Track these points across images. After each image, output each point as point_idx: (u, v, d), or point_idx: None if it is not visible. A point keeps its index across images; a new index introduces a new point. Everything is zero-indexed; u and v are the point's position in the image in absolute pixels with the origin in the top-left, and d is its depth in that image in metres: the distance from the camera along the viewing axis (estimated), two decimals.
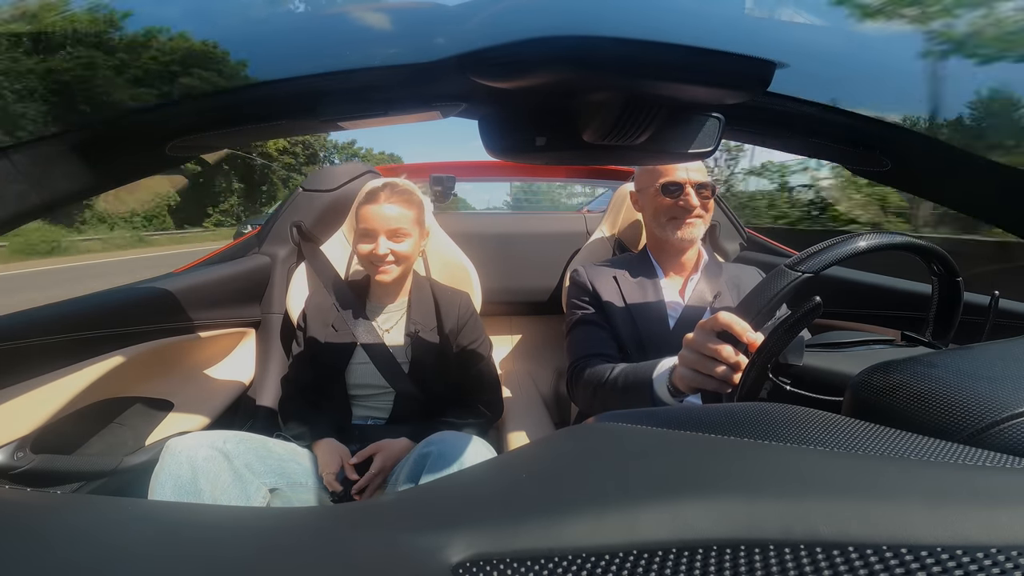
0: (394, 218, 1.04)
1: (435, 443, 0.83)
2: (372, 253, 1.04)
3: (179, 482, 0.75)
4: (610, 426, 0.28)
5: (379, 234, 1.04)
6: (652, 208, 1.05)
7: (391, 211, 1.04)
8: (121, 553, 0.22)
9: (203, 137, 0.55)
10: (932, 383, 0.31)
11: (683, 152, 0.57)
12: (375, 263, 1.05)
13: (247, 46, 0.48)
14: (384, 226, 1.04)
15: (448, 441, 0.83)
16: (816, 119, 0.60)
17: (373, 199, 1.05)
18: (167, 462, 0.77)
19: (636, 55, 0.43)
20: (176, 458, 0.77)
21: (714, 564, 0.16)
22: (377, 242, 1.03)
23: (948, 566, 0.14)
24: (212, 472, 0.77)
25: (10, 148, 0.43)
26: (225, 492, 0.78)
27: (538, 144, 0.55)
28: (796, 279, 0.55)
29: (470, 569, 0.18)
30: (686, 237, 1.02)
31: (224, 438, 0.83)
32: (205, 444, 0.79)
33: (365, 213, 1.05)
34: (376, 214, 1.04)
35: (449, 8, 0.45)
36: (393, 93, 0.52)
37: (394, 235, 1.05)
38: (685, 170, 1.02)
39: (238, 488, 0.80)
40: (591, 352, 0.98)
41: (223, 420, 1.14)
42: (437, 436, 0.85)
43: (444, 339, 1.11)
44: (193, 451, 0.78)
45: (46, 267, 11.23)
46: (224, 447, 0.81)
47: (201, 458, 0.77)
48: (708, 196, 1.02)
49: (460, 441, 0.84)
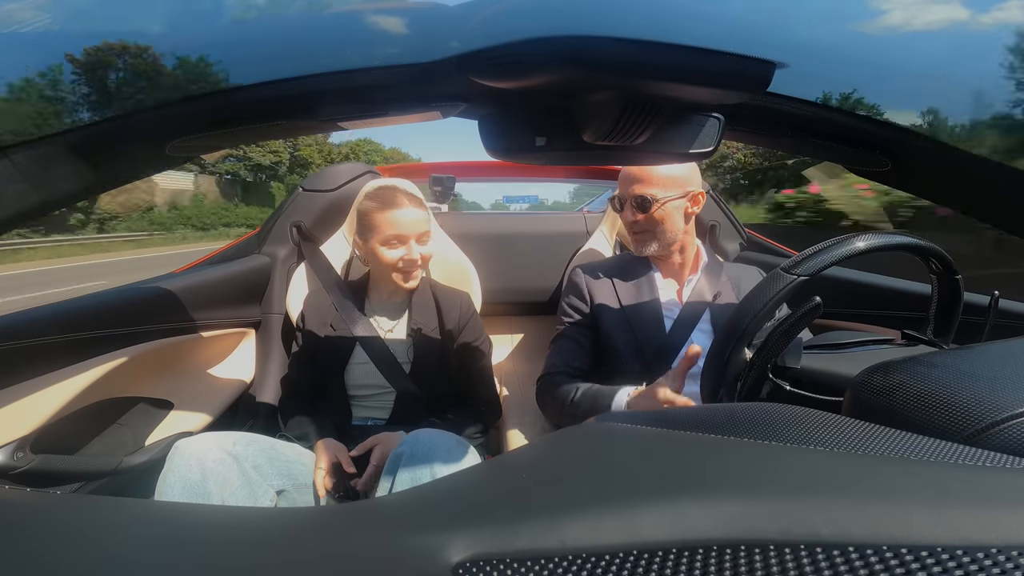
0: (420, 221, 1.04)
1: (408, 443, 0.82)
2: (405, 259, 1.03)
3: (188, 484, 0.74)
4: (610, 426, 0.28)
5: (410, 239, 1.03)
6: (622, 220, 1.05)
7: (417, 215, 1.04)
8: (121, 553, 0.22)
9: (203, 137, 0.55)
10: (932, 383, 0.31)
11: (683, 152, 0.57)
12: (407, 269, 1.04)
13: (247, 46, 0.48)
14: (415, 231, 1.03)
15: (421, 440, 0.83)
16: (816, 119, 0.60)
17: (395, 204, 1.03)
18: (176, 464, 0.76)
19: (636, 55, 0.43)
20: (186, 460, 0.76)
21: (714, 564, 0.16)
22: (409, 246, 1.03)
23: (948, 566, 0.14)
24: (221, 475, 0.77)
25: (10, 148, 0.43)
26: (233, 495, 0.77)
27: (538, 144, 0.55)
28: (792, 282, 0.55)
29: (470, 569, 0.18)
30: (638, 252, 1.02)
31: (234, 440, 0.82)
32: (215, 446, 0.78)
33: (392, 219, 1.02)
34: (405, 219, 1.02)
35: (449, 8, 0.45)
36: (393, 93, 0.52)
37: (422, 239, 1.05)
38: (627, 182, 0.99)
39: (246, 490, 0.79)
40: (558, 369, 1.00)
41: (223, 420, 1.14)
42: (411, 436, 0.84)
43: (446, 338, 1.11)
44: (203, 453, 0.77)
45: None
46: (234, 449, 0.80)
47: (211, 460, 0.76)
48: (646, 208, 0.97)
49: (435, 439, 0.83)
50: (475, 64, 0.45)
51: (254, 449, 0.84)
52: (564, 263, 1.50)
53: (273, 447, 0.89)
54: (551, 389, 0.97)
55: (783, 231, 6.52)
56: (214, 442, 0.79)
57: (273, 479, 0.85)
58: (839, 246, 0.55)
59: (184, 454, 0.77)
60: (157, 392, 1.03)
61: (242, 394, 1.26)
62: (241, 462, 0.80)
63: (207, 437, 0.80)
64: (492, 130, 0.54)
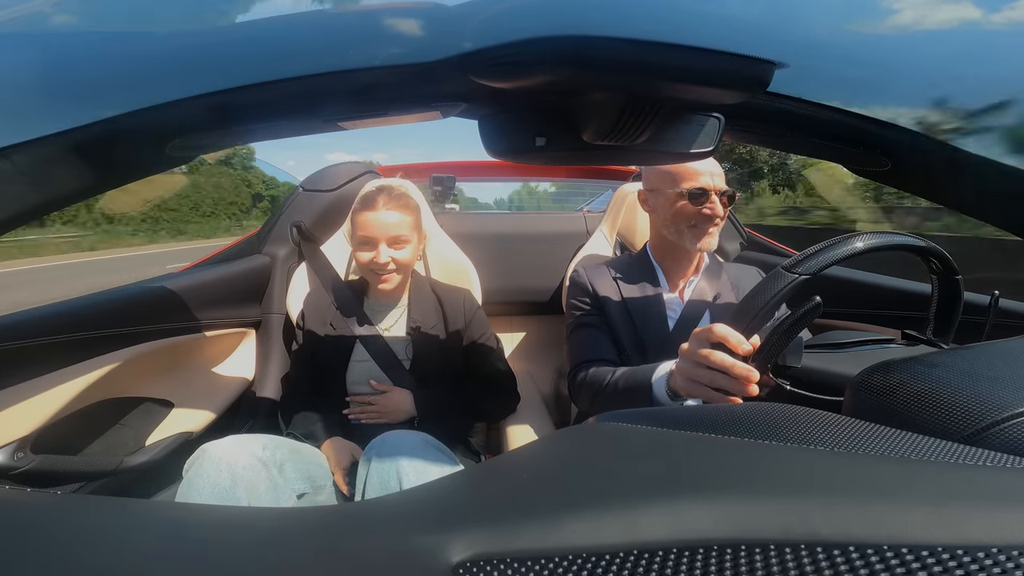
0: (394, 225, 1.02)
1: (375, 446, 0.82)
2: (373, 262, 1.02)
3: (218, 489, 0.73)
4: (610, 426, 0.28)
5: (379, 242, 1.01)
6: (670, 212, 1.00)
7: (390, 218, 1.02)
8: (122, 553, 0.22)
9: (203, 137, 0.55)
10: (932, 383, 0.31)
11: (683, 152, 0.57)
12: (377, 272, 1.03)
13: (247, 46, 0.48)
14: (384, 233, 1.01)
15: (388, 441, 0.82)
16: (816, 119, 0.60)
17: (371, 206, 1.02)
18: (205, 468, 0.74)
19: (636, 55, 0.43)
20: (216, 465, 0.74)
21: (714, 564, 0.16)
22: (378, 250, 1.01)
23: (949, 566, 0.14)
24: (251, 480, 0.75)
25: (10, 148, 0.43)
26: (259, 500, 0.76)
27: (538, 144, 0.55)
28: (793, 281, 0.55)
29: (470, 569, 0.18)
30: (705, 247, 0.98)
31: (263, 444, 0.81)
32: (246, 452, 0.77)
33: (363, 220, 1.02)
34: (375, 221, 1.01)
35: (449, 8, 0.45)
36: (393, 93, 0.52)
37: (394, 242, 1.03)
38: (711, 176, 0.97)
39: (271, 495, 0.78)
40: (591, 357, 0.98)
41: (223, 420, 1.14)
42: (378, 439, 0.84)
43: (449, 337, 1.11)
44: (233, 458, 0.75)
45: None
46: (263, 454, 0.79)
47: (241, 466, 0.75)
48: (726, 203, 0.98)
49: (401, 439, 0.83)
50: (475, 64, 0.45)
51: (279, 453, 0.83)
52: (564, 263, 1.50)
53: (295, 450, 0.88)
54: (584, 376, 0.95)
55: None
56: (243, 446, 0.78)
57: (295, 483, 0.84)
58: (840, 245, 0.55)
59: (214, 459, 0.75)
60: (157, 392, 1.03)
61: (242, 394, 1.26)
62: (268, 467, 0.79)
63: (234, 441, 0.79)
64: (492, 130, 0.54)
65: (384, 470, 0.78)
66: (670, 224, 1.00)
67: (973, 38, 0.54)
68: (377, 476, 0.78)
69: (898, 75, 0.56)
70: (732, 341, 0.57)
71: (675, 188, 0.99)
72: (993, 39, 0.54)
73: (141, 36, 0.47)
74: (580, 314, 1.05)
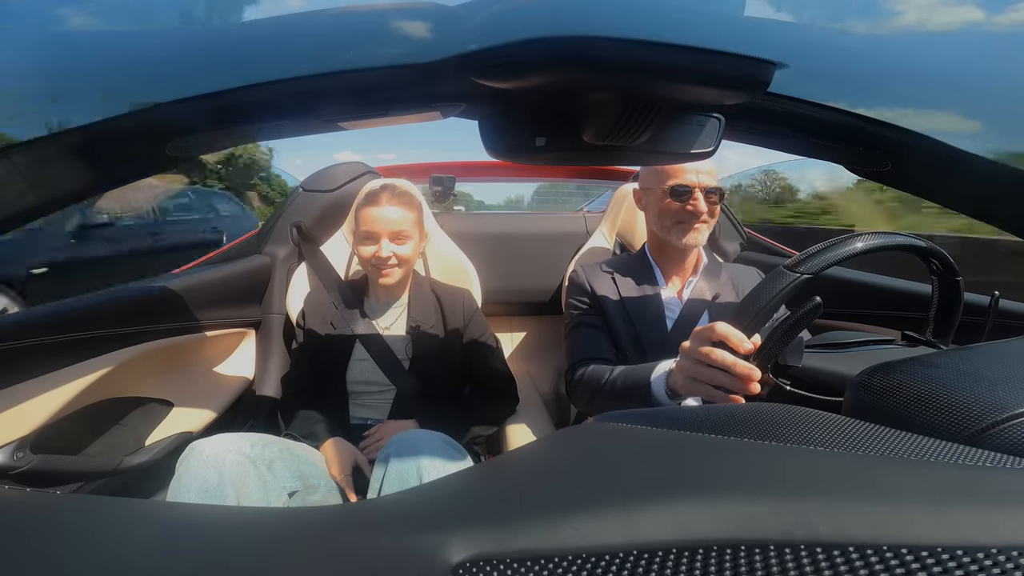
0: (396, 220, 1.05)
1: (394, 443, 0.82)
2: (375, 256, 1.04)
3: (205, 486, 0.73)
4: (610, 426, 0.28)
5: (381, 237, 1.04)
6: (657, 210, 1.02)
7: (393, 213, 1.04)
8: (121, 553, 0.22)
9: (203, 137, 0.55)
10: (932, 384, 0.31)
11: (683, 152, 0.57)
12: (378, 266, 1.05)
13: (247, 46, 0.48)
14: (386, 228, 1.04)
15: (407, 440, 0.83)
16: (816, 119, 0.60)
17: (374, 201, 1.05)
18: (192, 465, 0.75)
19: (636, 55, 0.43)
20: (203, 462, 0.75)
21: (714, 564, 0.16)
22: (380, 245, 1.04)
23: (949, 566, 0.14)
24: (238, 477, 0.76)
25: (10, 148, 0.43)
26: (248, 497, 0.76)
27: (538, 144, 0.55)
28: (795, 281, 0.55)
29: (470, 569, 0.18)
30: (690, 243, 0.99)
31: (251, 442, 0.81)
32: (233, 449, 0.77)
33: (366, 216, 1.05)
34: (378, 216, 1.04)
35: (449, 8, 0.45)
36: (393, 93, 0.52)
37: (396, 237, 1.05)
38: (696, 173, 0.98)
39: (260, 493, 0.78)
40: (589, 356, 0.98)
41: (223, 420, 1.14)
42: (397, 436, 0.84)
43: (448, 336, 1.11)
44: (221, 455, 0.76)
45: None
46: (251, 452, 0.80)
47: (229, 463, 0.75)
48: (716, 201, 0.98)
49: (420, 438, 0.83)
50: (475, 64, 0.45)
51: (269, 451, 0.83)
52: (564, 263, 1.50)
53: (286, 448, 0.88)
54: (582, 375, 0.95)
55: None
56: (231, 444, 0.78)
57: (286, 481, 0.84)
58: (841, 245, 0.55)
59: (201, 456, 0.75)
60: (157, 392, 1.03)
61: (242, 394, 1.26)
62: (257, 464, 0.79)
63: (223, 439, 0.79)
64: (492, 130, 0.54)
65: (404, 469, 0.78)
66: (657, 221, 1.03)
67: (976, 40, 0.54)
68: (396, 475, 0.78)
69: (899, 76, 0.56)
70: (733, 339, 0.57)
71: (661, 185, 1.00)
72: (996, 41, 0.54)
73: (141, 36, 0.47)
74: (579, 314, 1.05)
